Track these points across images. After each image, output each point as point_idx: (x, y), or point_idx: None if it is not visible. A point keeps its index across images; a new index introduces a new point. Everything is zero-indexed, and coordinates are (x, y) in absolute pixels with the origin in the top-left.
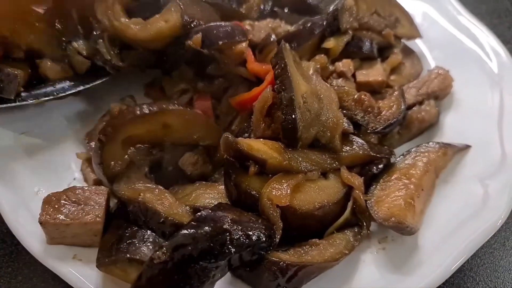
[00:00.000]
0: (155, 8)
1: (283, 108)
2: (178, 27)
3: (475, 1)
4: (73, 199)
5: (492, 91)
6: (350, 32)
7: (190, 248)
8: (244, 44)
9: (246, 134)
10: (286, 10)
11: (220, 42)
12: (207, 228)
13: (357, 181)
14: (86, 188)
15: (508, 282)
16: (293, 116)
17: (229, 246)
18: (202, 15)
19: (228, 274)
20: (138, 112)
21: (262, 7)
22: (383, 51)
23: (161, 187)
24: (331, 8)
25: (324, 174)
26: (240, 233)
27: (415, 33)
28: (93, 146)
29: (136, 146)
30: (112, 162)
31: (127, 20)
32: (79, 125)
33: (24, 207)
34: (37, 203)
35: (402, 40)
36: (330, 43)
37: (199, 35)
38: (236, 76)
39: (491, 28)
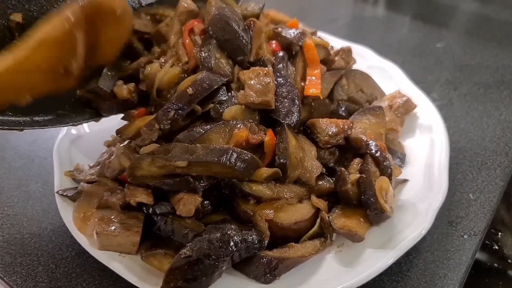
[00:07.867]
0: None
1: (279, 154)
2: None
3: (424, 72)
4: (119, 218)
5: (425, 140)
6: (336, 101)
7: (205, 247)
8: None
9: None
10: None
11: None
12: (217, 234)
13: (323, 204)
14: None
15: (432, 276)
16: (285, 160)
17: (232, 246)
18: None
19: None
20: None
21: None
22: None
23: None
24: None
25: (300, 200)
26: (240, 237)
27: None
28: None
29: None
30: None
31: None
32: None
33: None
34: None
35: None
36: None
37: None
38: None
39: (435, 93)
